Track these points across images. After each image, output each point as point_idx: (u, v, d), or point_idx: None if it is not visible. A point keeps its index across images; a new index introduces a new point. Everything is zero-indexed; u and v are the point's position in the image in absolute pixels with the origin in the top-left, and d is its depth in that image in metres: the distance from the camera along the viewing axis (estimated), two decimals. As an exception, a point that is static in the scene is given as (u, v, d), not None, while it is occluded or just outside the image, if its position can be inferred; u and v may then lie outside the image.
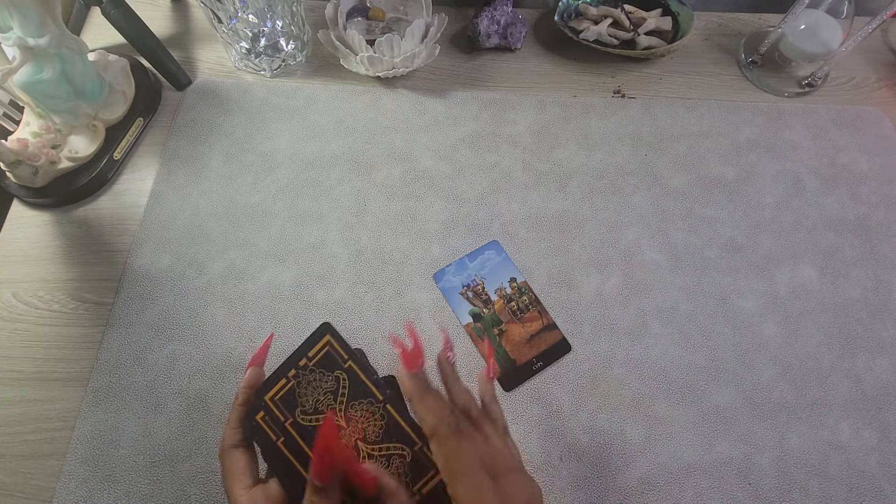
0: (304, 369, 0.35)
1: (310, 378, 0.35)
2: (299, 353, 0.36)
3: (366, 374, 0.35)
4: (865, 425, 0.52)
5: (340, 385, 0.35)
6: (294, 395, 0.35)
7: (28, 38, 0.53)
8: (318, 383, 0.35)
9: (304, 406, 0.35)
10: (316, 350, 0.36)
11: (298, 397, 0.35)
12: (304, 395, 0.35)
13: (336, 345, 0.36)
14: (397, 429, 0.35)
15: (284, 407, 0.35)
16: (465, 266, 0.58)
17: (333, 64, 0.70)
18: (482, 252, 0.59)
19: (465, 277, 0.58)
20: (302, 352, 0.36)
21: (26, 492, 0.48)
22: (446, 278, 0.57)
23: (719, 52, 0.74)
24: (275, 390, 0.35)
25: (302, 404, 0.35)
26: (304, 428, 0.35)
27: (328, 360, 0.36)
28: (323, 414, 0.35)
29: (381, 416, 0.35)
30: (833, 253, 0.60)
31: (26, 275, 0.57)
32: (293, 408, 0.35)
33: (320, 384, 0.35)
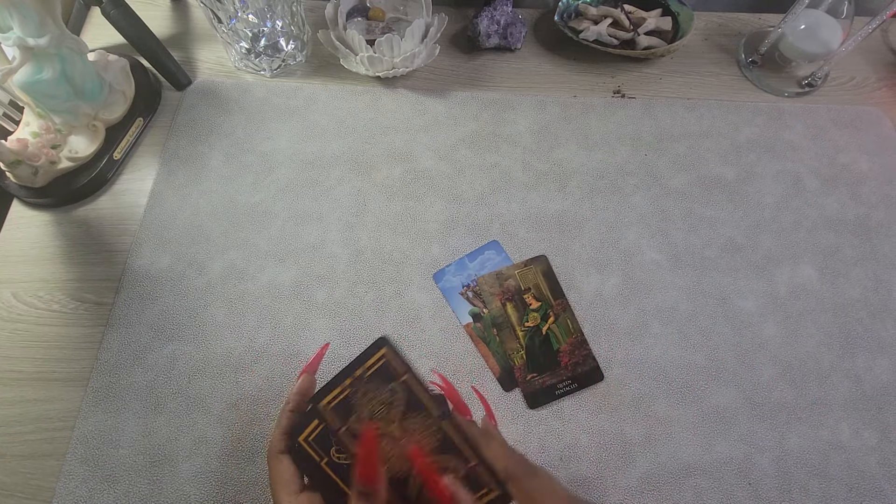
0: (360, 379, 0.36)
1: (366, 388, 0.36)
2: (356, 364, 0.36)
3: (421, 390, 0.36)
4: (865, 425, 0.52)
5: (395, 397, 0.36)
6: (349, 404, 0.36)
7: (28, 38, 0.53)
8: (374, 394, 0.36)
9: (359, 414, 0.36)
10: (372, 362, 0.36)
11: (353, 406, 0.36)
12: (360, 405, 0.36)
13: (392, 358, 0.36)
14: (451, 445, 0.35)
15: (338, 415, 0.36)
16: (465, 266, 0.58)
17: (333, 64, 0.70)
18: (482, 252, 0.59)
19: (465, 277, 0.57)
20: (359, 362, 0.36)
21: (26, 492, 0.48)
22: (446, 278, 0.57)
23: (719, 52, 0.74)
24: (329, 398, 0.36)
25: (358, 413, 0.36)
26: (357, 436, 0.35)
27: (384, 372, 0.36)
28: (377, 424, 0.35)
29: (437, 431, 0.35)
30: (833, 253, 0.60)
31: (26, 275, 0.57)
32: (347, 415, 0.36)
33: (376, 395, 0.36)
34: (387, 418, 0.35)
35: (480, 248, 0.59)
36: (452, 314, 0.56)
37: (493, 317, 0.55)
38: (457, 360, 0.54)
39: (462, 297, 0.56)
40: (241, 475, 0.49)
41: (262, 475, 0.49)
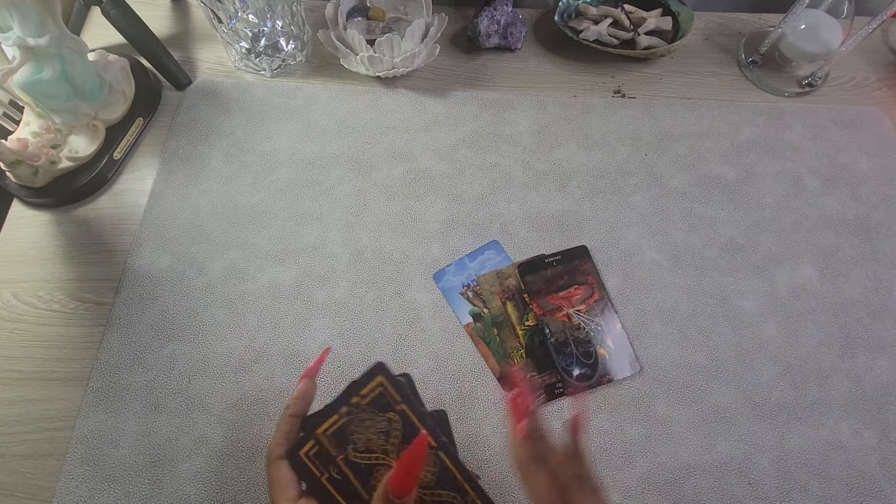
0: (356, 407, 0.35)
1: (362, 416, 0.35)
2: (351, 391, 0.35)
3: (419, 418, 0.35)
4: (865, 425, 0.52)
5: (392, 427, 0.35)
6: (346, 432, 0.35)
7: (28, 38, 0.53)
8: (371, 423, 0.35)
9: (355, 444, 0.35)
10: (368, 389, 0.35)
11: (350, 434, 0.35)
12: (356, 433, 0.35)
13: (389, 386, 0.35)
14: (449, 476, 0.34)
15: (337, 442, 0.35)
16: (465, 266, 0.58)
17: (333, 64, 0.70)
18: (482, 252, 0.59)
19: (465, 277, 0.57)
20: (354, 389, 0.35)
21: (26, 492, 0.48)
22: (446, 278, 0.57)
23: (719, 52, 0.74)
24: (326, 425, 0.35)
25: (354, 441, 0.35)
26: (357, 465, 0.34)
27: (380, 401, 0.35)
28: (374, 453, 0.34)
29: (434, 462, 0.34)
30: (833, 253, 0.60)
31: (26, 275, 0.57)
32: (345, 444, 0.35)
33: (373, 424, 0.35)
34: (384, 448, 0.34)
35: (480, 248, 0.59)
36: (452, 314, 0.56)
37: (493, 315, 0.55)
38: (457, 359, 0.54)
39: (462, 296, 0.56)
40: (241, 475, 0.49)
41: (262, 475, 0.49)
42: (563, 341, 0.54)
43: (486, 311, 0.56)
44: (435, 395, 0.52)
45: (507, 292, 0.56)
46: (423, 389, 0.52)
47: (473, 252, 0.59)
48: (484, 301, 0.56)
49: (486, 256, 0.58)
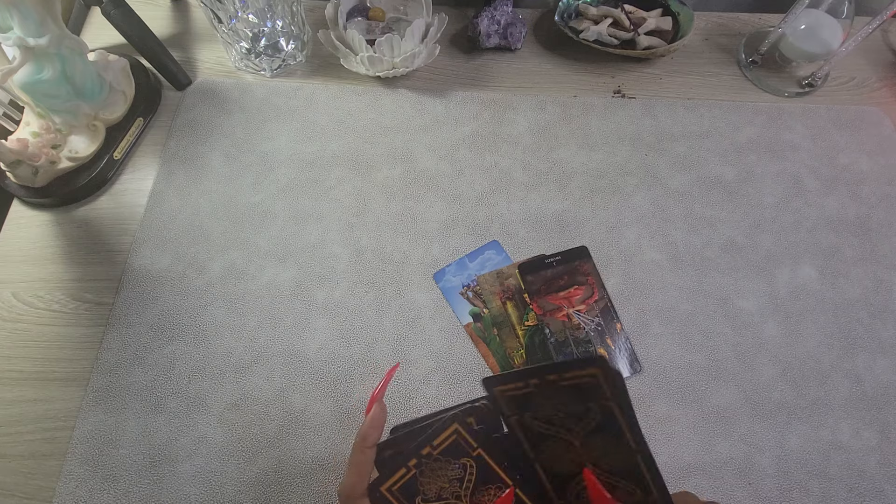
0: (428, 458, 0.33)
1: (433, 466, 0.33)
2: (423, 442, 0.33)
3: (495, 460, 0.33)
4: (865, 425, 0.52)
5: (467, 472, 0.33)
6: (415, 484, 0.33)
7: (28, 38, 0.53)
8: (443, 471, 0.33)
9: (425, 494, 0.33)
10: (442, 439, 0.33)
11: (420, 486, 0.33)
12: (426, 484, 0.33)
13: (464, 433, 0.33)
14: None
15: (403, 496, 0.33)
16: (465, 266, 0.58)
17: (333, 64, 0.70)
18: (482, 252, 0.59)
19: (465, 277, 0.58)
20: (426, 440, 0.33)
21: (26, 492, 0.48)
22: (446, 278, 0.57)
23: (719, 52, 0.74)
24: (392, 480, 0.33)
25: (424, 493, 0.33)
26: None
27: (455, 448, 0.33)
28: (446, 500, 0.33)
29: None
30: (833, 253, 0.60)
31: (26, 275, 0.57)
32: (413, 496, 0.33)
33: (445, 472, 0.33)
34: (457, 494, 0.33)
35: (480, 248, 0.59)
36: (452, 314, 0.56)
37: (493, 315, 0.55)
38: (457, 360, 0.54)
39: (462, 296, 0.57)
40: (241, 475, 0.49)
41: (262, 475, 0.49)
42: (563, 341, 0.54)
43: (486, 311, 0.56)
44: (435, 395, 0.52)
45: (507, 292, 0.56)
46: (423, 389, 0.53)
47: (473, 252, 0.59)
48: (484, 301, 0.56)
49: (486, 256, 0.58)
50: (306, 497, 0.48)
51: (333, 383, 0.53)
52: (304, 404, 0.52)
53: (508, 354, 0.54)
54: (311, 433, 0.51)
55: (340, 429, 0.51)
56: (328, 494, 0.48)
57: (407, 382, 0.53)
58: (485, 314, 0.56)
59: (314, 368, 0.53)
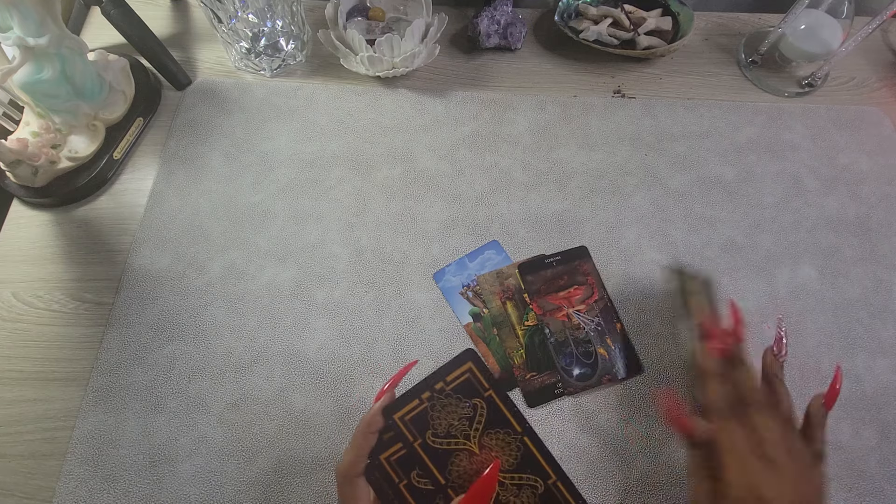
0: (441, 393, 0.35)
1: (445, 402, 0.34)
2: (437, 376, 0.35)
3: (505, 405, 0.34)
4: (865, 425, 0.52)
5: (478, 413, 0.34)
6: (426, 418, 0.34)
7: (28, 38, 0.53)
8: (454, 408, 0.34)
9: (435, 429, 0.34)
10: (455, 375, 0.35)
11: (431, 420, 0.34)
12: (436, 419, 0.34)
13: (478, 372, 0.35)
14: (532, 460, 0.34)
15: (414, 427, 0.34)
16: (465, 266, 0.58)
17: (333, 64, 0.70)
18: (482, 252, 0.59)
19: (465, 277, 0.58)
20: (440, 375, 0.35)
21: (26, 492, 0.48)
22: (446, 278, 0.57)
23: (719, 52, 0.74)
24: (406, 410, 0.35)
25: (434, 427, 0.34)
26: (435, 450, 0.34)
27: (467, 387, 0.35)
28: (455, 438, 0.34)
29: (517, 448, 0.34)
30: (833, 253, 0.60)
31: (26, 274, 0.57)
32: (424, 430, 0.34)
33: (455, 409, 0.34)
34: (466, 433, 0.34)
35: (480, 248, 0.59)
36: (452, 314, 0.56)
37: (493, 315, 0.55)
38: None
39: (462, 296, 0.57)
40: (241, 475, 0.49)
41: (262, 475, 0.49)
42: (562, 341, 0.54)
43: (486, 311, 0.56)
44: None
45: (507, 292, 0.56)
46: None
47: (473, 252, 0.59)
48: (484, 301, 0.56)
49: (486, 256, 0.58)
50: (306, 497, 0.48)
51: (333, 383, 0.53)
52: (304, 404, 0.52)
53: (508, 354, 0.54)
54: (311, 433, 0.51)
55: (340, 429, 0.51)
56: (328, 494, 0.48)
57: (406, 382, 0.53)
58: (485, 314, 0.56)
59: (314, 368, 0.53)
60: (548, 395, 0.52)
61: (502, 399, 0.35)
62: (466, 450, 0.34)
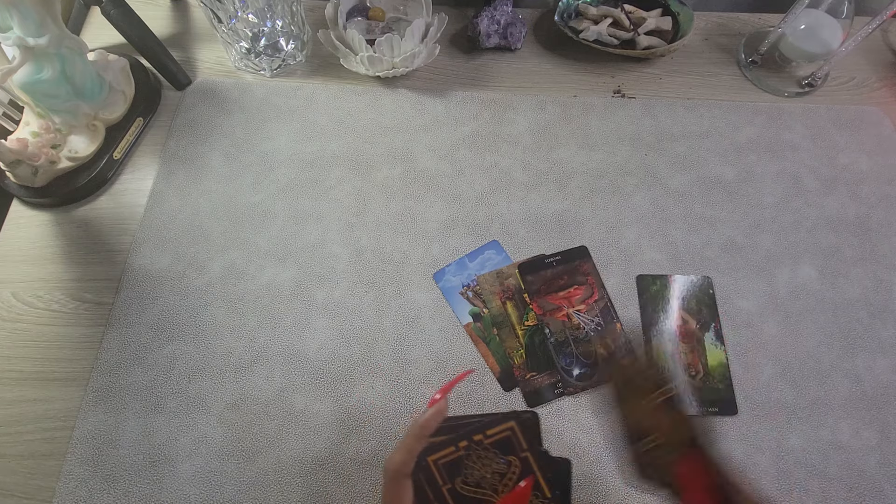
0: (478, 445, 0.35)
1: (481, 454, 0.35)
2: (477, 428, 0.35)
3: (540, 469, 0.34)
4: (865, 425, 0.52)
5: (510, 470, 0.35)
6: (459, 466, 0.35)
7: (28, 38, 0.53)
8: (488, 462, 0.34)
9: (466, 477, 0.35)
10: (496, 431, 0.35)
11: (464, 469, 0.35)
12: (470, 468, 0.35)
13: (519, 433, 0.35)
14: None
15: (446, 472, 0.35)
16: (465, 266, 0.58)
17: (333, 64, 0.70)
18: (482, 252, 0.59)
19: (465, 277, 0.57)
20: (481, 427, 0.35)
21: (26, 492, 0.48)
22: (446, 278, 0.57)
23: (719, 52, 0.74)
24: (441, 454, 0.35)
25: (465, 476, 0.35)
26: (461, 496, 0.34)
27: (505, 444, 0.35)
28: (483, 490, 0.34)
29: None
30: (833, 253, 0.60)
31: (26, 274, 0.57)
32: (454, 476, 0.35)
33: (490, 463, 0.34)
34: (495, 487, 0.34)
35: (480, 248, 0.59)
36: (452, 314, 0.56)
37: (493, 315, 0.55)
38: (457, 359, 0.54)
39: (462, 296, 0.56)
40: (241, 475, 0.49)
41: (261, 475, 0.49)
42: (562, 341, 0.54)
43: (486, 311, 0.56)
44: (435, 395, 0.52)
45: (507, 292, 0.56)
46: (422, 389, 0.53)
47: (473, 252, 0.59)
48: (484, 301, 0.56)
49: (486, 256, 0.58)
50: (306, 497, 0.48)
51: (333, 383, 0.53)
52: (304, 404, 0.52)
53: (508, 354, 0.54)
54: (311, 433, 0.51)
55: (340, 429, 0.51)
56: (328, 494, 0.48)
57: (406, 382, 0.53)
58: (485, 314, 0.56)
59: (314, 368, 0.53)
60: (548, 395, 0.52)
61: (538, 463, 0.35)
62: (490, 502, 0.34)
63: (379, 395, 0.52)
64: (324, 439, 0.50)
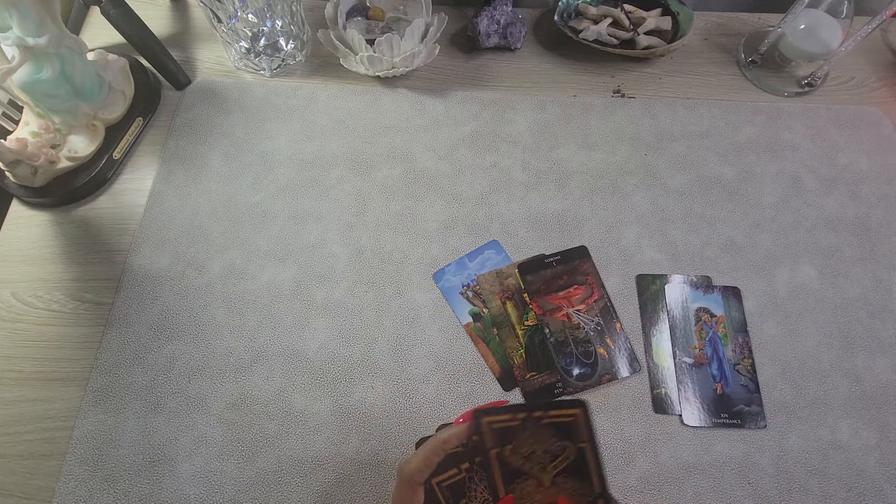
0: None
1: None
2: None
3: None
4: (865, 425, 0.52)
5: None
6: (463, 488, 0.35)
7: (27, 38, 0.53)
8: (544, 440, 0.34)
9: (469, 500, 0.35)
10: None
11: (468, 490, 0.35)
12: (473, 490, 0.35)
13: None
14: None
15: (451, 495, 0.35)
16: (464, 266, 0.58)
17: (333, 63, 0.70)
18: (482, 252, 0.59)
19: (464, 277, 0.57)
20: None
21: (26, 492, 0.48)
22: (446, 278, 0.57)
23: (719, 52, 0.74)
24: (444, 476, 0.35)
25: (469, 498, 0.35)
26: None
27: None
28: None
29: None
30: (832, 252, 0.60)
31: (25, 274, 0.57)
32: (458, 498, 0.35)
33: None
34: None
35: (480, 247, 0.59)
36: (452, 314, 0.56)
37: (493, 315, 0.55)
38: (456, 359, 0.54)
39: (462, 296, 0.56)
40: (241, 475, 0.49)
41: (261, 475, 0.49)
42: (562, 341, 0.54)
43: (486, 310, 0.56)
44: (435, 394, 0.52)
45: (507, 292, 0.56)
46: (422, 389, 0.53)
47: (473, 252, 0.59)
48: (484, 301, 0.56)
49: (486, 256, 0.58)
50: (306, 497, 0.48)
51: (333, 383, 0.53)
52: (304, 404, 0.52)
53: (508, 354, 0.54)
54: (311, 433, 0.51)
55: (340, 429, 0.51)
56: (328, 494, 0.48)
57: (406, 382, 0.53)
58: (484, 314, 0.56)
59: (314, 368, 0.53)
60: (548, 395, 0.52)
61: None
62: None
63: (379, 395, 0.52)
64: (324, 439, 0.50)
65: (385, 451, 0.50)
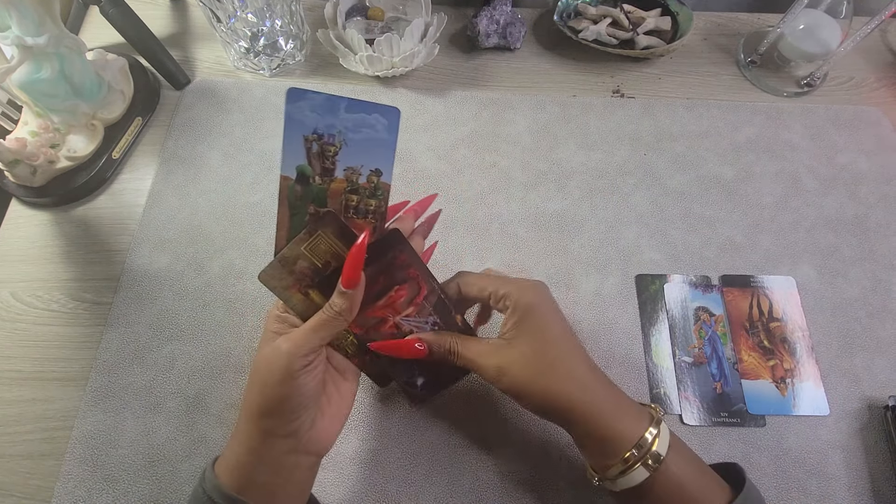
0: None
1: None
2: None
3: None
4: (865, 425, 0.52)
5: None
6: None
7: (26, 37, 0.53)
8: None
9: None
10: None
11: None
12: None
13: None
14: None
15: None
16: (335, 108, 0.38)
17: (332, 63, 0.70)
18: (370, 112, 0.39)
19: (324, 122, 0.39)
20: None
21: (25, 492, 0.48)
22: (303, 104, 0.38)
23: (718, 52, 0.74)
24: None
25: None
26: None
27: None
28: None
29: None
30: (832, 252, 0.60)
31: (25, 274, 0.57)
32: None
33: None
34: None
35: (373, 104, 0.39)
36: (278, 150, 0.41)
37: (300, 310, 0.41)
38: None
39: (303, 142, 0.39)
40: (241, 475, 0.49)
41: (261, 475, 0.49)
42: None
43: (319, 180, 0.41)
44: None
45: (304, 280, 0.40)
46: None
47: (361, 103, 0.39)
48: (326, 168, 0.41)
49: (370, 122, 0.39)
50: (306, 497, 0.48)
51: (333, 383, 0.53)
52: (304, 404, 0.52)
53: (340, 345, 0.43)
54: (310, 433, 0.51)
55: (340, 428, 0.51)
56: (328, 494, 0.48)
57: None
58: (314, 183, 0.41)
59: (313, 368, 0.53)
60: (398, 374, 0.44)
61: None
62: None
63: (377, 394, 0.52)
64: (323, 439, 0.50)
65: (385, 451, 0.50)
